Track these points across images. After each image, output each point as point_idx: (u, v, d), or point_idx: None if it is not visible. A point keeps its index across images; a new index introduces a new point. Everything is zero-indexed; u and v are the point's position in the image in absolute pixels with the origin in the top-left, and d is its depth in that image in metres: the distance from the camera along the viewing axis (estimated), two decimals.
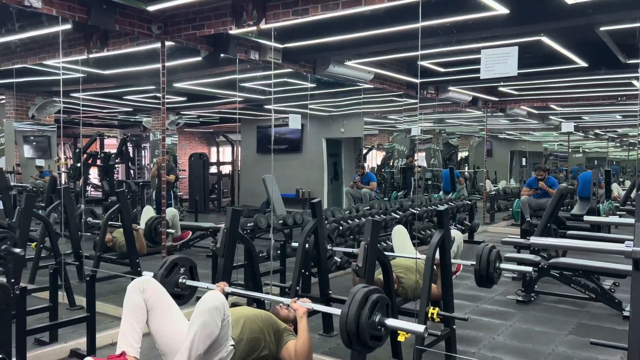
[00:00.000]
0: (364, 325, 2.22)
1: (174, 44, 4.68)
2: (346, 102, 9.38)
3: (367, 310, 2.24)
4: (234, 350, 2.47)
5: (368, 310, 2.24)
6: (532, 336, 4.07)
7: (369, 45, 5.49)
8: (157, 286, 2.57)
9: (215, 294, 2.39)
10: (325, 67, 5.96)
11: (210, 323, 2.28)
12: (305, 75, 6.36)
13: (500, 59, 3.03)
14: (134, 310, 2.45)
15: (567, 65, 6.34)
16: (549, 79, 7.55)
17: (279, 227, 6.20)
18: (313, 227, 3.94)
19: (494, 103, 9.65)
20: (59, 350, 3.65)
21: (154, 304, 2.49)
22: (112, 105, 9.10)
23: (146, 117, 9.96)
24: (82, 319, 3.59)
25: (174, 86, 7.31)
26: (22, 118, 7.12)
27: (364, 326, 2.22)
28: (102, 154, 9.39)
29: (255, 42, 5.12)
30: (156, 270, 3.04)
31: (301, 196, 9.97)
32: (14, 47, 5.35)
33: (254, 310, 2.80)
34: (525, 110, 10.39)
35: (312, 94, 7.70)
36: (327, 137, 10.19)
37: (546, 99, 9.57)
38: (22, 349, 3.18)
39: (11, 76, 6.10)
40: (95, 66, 5.71)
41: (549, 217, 5.74)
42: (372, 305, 2.26)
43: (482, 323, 4.38)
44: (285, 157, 10.09)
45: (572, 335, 4.09)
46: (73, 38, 4.86)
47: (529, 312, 4.70)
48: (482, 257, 3.47)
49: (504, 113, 10.07)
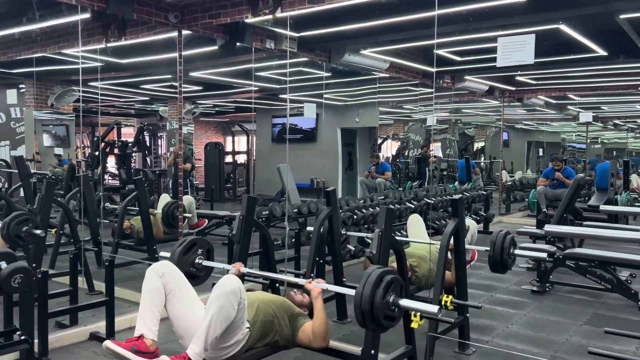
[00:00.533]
0: (378, 305, 2.25)
1: (191, 33, 4.71)
2: (361, 91, 9.35)
3: (382, 290, 2.27)
4: (249, 333, 2.52)
5: (382, 290, 2.27)
6: (546, 326, 4.06)
7: (385, 34, 5.47)
8: (176, 271, 2.62)
9: (232, 278, 2.43)
10: (340, 56, 5.95)
11: (227, 306, 2.32)
12: (320, 64, 6.36)
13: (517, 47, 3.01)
14: (152, 294, 2.51)
15: (586, 54, 6.25)
16: (567, 68, 7.45)
17: (294, 215, 6.23)
18: (327, 214, 3.96)
19: (511, 93, 9.56)
20: (79, 333, 3.73)
21: (172, 288, 2.54)
22: (129, 94, 9.19)
23: (163, 106, 10.05)
24: (101, 302, 3.68)
25: (190, 75, 7.35)
26: (41, 107, 7.23)
27: (378, 305, 2.25)
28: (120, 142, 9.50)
29: (271, 31, 5.13)
30: (174, 248, 3.09)
31: (316, 186, 9.99)
32: (34, 36, 5.42)
33: (268, 295, 2.84)
34: (542, 100, 10.27)
35: (327, 83, 7.69)
36: (342, 127, 10.18)
37: (564, 89, 9.44)
38: (44, 331, 3.27)
39: (31, 65, 6.19)
40: (113, 55, 5.77)
41: (565, 208, 5.70)
42: (386, 285, 2.28)
43: (496, 312, 4.38)
44: (300, 146, 10.11)
45: (586, 325, 4.08)
46: (92, 27, 4.91)
47: (544, 302, 4.69)
48: (497, 243, 3.47)
49: (521, 103, 9.96)
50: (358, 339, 3.58)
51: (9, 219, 3.87)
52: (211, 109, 12.12)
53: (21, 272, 2.86)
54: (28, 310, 3.03)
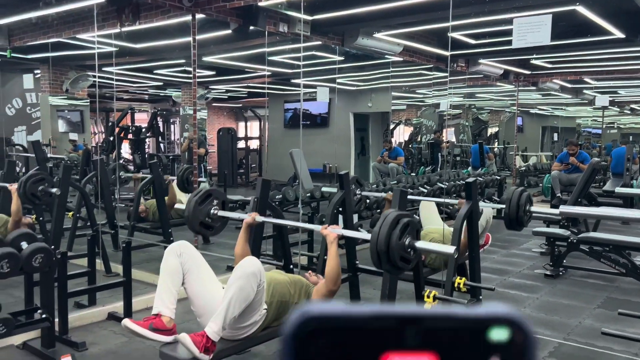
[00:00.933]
0: (394, 246, 2.28)
1: (204, 17, 4.72)
2: (374, 75, 9.30)
3: (398, 231, 2.29)
4: (266, 314, 2.56)
5: (399, 232, 2.29)
6: (559, 309, 4.07)
7: (399, 17, 5.44)
8: (194, 251, 2.66)
9: (253, 259, 2.47)
10: (353, 39, 5.92)
11: (247, 288, 2.36)
12: (333, 48, 6.34)
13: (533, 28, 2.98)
14: (170, 273, 2.55)
15: (603, 36, 6.16)
16: (584, 51, 7.34)
17: (307, 199, 6.27)
18: (341, 198, 3.98)
19: (526, 76, 9.45)
20: (97, 313, 3.82)
21: (190, 267, 2.58)
22: (142, 79, 9.24)
23: (176, 91, 10.09)
24: (119, 283, 3.75)
25: (203, 60, 7.37)
26: (56, 92, 7.30)
27: (394, 246, 2.28)
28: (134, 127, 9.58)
29: (284, 14, 5.12)
30: (190, 198, 3.13)
31: (328, 171, 10.00)
32: (50, 20, 5.46)
33: (284, 275, 2.88)
34: (558, 84, 10.13)
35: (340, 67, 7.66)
36: (354, 112, 10.15)
37: (580, 72, 9.31)
38: (64, 310, 3.34)
39: (47, 50, 6.24)
40: (127, 40, 5.80)
41: (580, 192, 5.66)
42: (402, 227, 2.31)
43: (508, 295, 4.39)
44: (312, 131, 10.11)
45: (600, 308, 4.08)
46: (106, 11, 4.94)
47: (557, 286, 4.68)
48: (512, 199, 3.46)
49: (536, 87, 9.85)
50: None
51: (25, 178, 3.94)
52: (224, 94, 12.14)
53: (42, 252, 2.93)
54: (48, 289, 3.10)
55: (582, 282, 4.84)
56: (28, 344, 3.25)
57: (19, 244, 2.97)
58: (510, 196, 3.47)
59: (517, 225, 3.49)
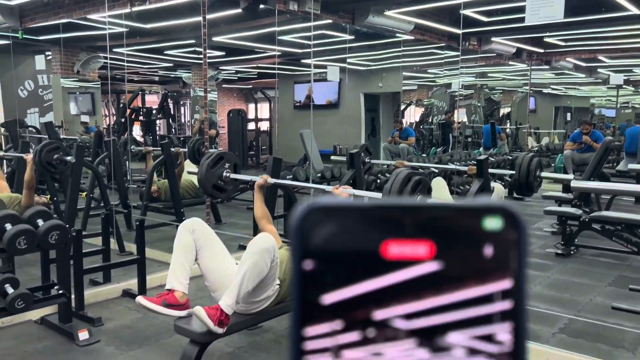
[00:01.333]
0: None
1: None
2: (385, 55, 9.22)
3: (410, 188, 2.30)
4: (279, 290, 2.59)
5: (410, 189, 2.30)
6: (570, 287, 4.07)
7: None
8: (206, 227, 2.69)
9: (266, 236, 2.50)
10: (364, 18, 5.87)
11: (261, 263, 2.39)
12: (344, 27, 6.29)
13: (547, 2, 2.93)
14: (184, 249, 2.59)
15: (618, 13, 6.04)
16: (598, 28, 7.20)
17: (317, 180, 6.29)
18: (351, 177, 3.99)
19: (539, 55, 9.31)
20: (112, 290, 3.89)
21: (203, 244, 2.62)
22: (153, 60, 9.24)
23: (186, 72, 10.08)
24: (132, 261, 3.81)
25: (213, 40, 7.34)
26: (67, 74, 7.33)
27: None
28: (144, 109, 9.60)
29: None
30: (202, 161, 3.16)
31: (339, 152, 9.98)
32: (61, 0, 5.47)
33: None
34: (571, 62, 9.98)
35: (351, 46, 7.60)
36: (365, 92, 10.09)
37: (594, 50, 9.15)
38: (80, 286, 3.41)
39: (58, 31, 6.26)
40: (137, 20, 5.80)
41: (592, 171, 5.61)
42: (414, 184, 2.31)
43: None
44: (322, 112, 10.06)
45: (611, 286, 4.07)
46: None
47: (568, 265, 4.68)
48: (522, 165, 3.45)
49: (550, 66, 9.72)
50: None
51: (40, 147, 4.00)
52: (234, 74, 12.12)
53: (57, 229, 2.99)
54: (65, 265, 3.16)
55: (594, 260, 4.83)
56: (46, 318, 3.32)
57: (35, 221, 3.03)
58: (521, 162, 3.46)
59: (527, 190, 3.48)
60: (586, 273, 4.43)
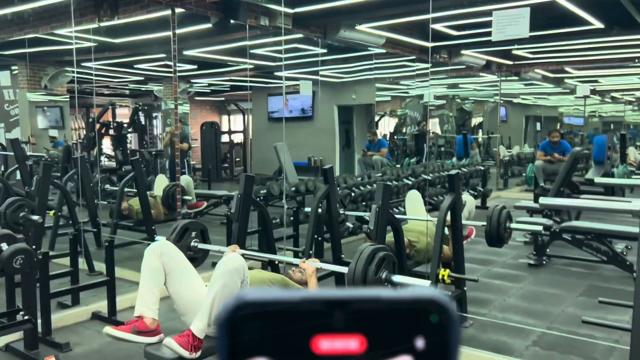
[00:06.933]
0: (370, 281, 2.29)
1: (184, 11, 4.66)
2: (358, 67, 9.28)
3: (374, 266, 2.30)
4: None
5: (375, 267, 2.30)
6: (543, 298, 4.12)
7: (380, 9, 5.42)
8: (175, 250, 2.64)
9: (235, 256, 2.46)
10: (336, 32, 5.90)
11: (231, 284, 2.35)
12: (315, 41, 6.31)
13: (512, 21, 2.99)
14: (152, 274, 2.53)
15: (583, 27, 6.20)
16: (564, 41, 7.40)
17: (292, 194, 6.25)
18: (325, 192, 3.98)
19: (508, 67, 9.50)
20: (81, 313, 3.78)
21: (172, 267, 2.56)
22: (123, 74, 9.11)
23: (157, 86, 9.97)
24: (102, 282, 3.72)
25: (185, 54, 7.28)
26: (35, 89, 7.16)
27: (370, 282, 2.29)
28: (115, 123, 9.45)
29: (265, 8, 5.07)
30: (168, 237, 3.11)
31: (313, 164, 9.98)
32: (26, 16, 5.35)
33: (266, 274, 2.87)
34: (540, 73, 10.21)
35: (323, 60, 7.62)
36: (338, 104, 10.13)
37: (561, 62, 9.38)
38: (47, 311, 3.30)
39: (24, 46, 6.12)
40: (106, 35, 5.71)
41: (562, 182, 5.72)
42: (379, 261, 2.32)
43: (493, 285, 4.44)
44: (296, 124, 10.07)
45: (582, 296, 4.14)
46: (84, 7, 4.85)
47: (540, 275, 4.74)
48: (493, 217, 3.51)
49: (519, 77, 9.92)
50: None
51: (4, 207, 3.88)
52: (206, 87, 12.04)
53: (22, 253, 2.89)
54: (30, 290, 3.06)
55: (565, 270, 4.90)
56: (11, 346, 3.21)
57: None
58: (491, 214, 3.53)
59: (498, 242, 3.57)
60: (558, 283, 4.49)
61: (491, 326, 3.54)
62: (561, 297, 4.12)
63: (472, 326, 3.53)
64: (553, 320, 3.65)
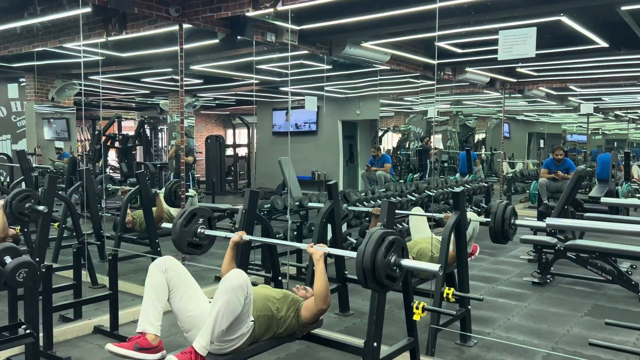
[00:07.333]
0: (379, 264, 2.27)
1: (192, 27, 4.70)
2: (362, 83, 9.33)
3: (384, 249, 2.29)
4: (253, 326, 2.54)
5: (384, 249, 2.29)
6: (548, 317, 4.09)
7: (386, 27, 5.45)
8: (179, 266, 2.63)
9: (239, 272, 2.45)
10: (341, 49, 5.94)
11: (234, 301, 2.34)
12: (321, 57, 6.35)
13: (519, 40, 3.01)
14: (156, 289, 2.52)
15: (588, 46, 6.24)
16: (569, 60, 7.43)
17: (295, 208, 6.25)
18: (329, 208, 3.98)
19: (512, 84, 9.54)
20: (83, 327, 3.76)
21: (176, 283, 2.56)
22: (129, 87, 9.18)
23: (163, 99, 10.03)
24: (105, 296, 3.70)
25: (191, 68, 7.34)
26: (42, 100, 7.22)
27: (379, 264, 2.27)
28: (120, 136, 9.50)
29: (272, 24, 5.12)
30: (175, 221, 3.10)
31: (317, 178, 10.00)
32: (35, 30, 5.42)
33: (269, 290, 2.86)
34: (543, 91, 10.24)
35: (328, 75, 7.67)
36: (342, 119, 10.17)
37: (565, 80, 9.42)
38: (49, 324, 3.29)
39: (32, 59, 6.18)
40: (114, 49, 5.76)
41: (566, 200, 5.71)
42: (388, 245, 2.31)
43: (497, 304, 4.41)
44: (300, 139, 10.11)
45: (587, 316, 4.10)
46: (93, 21, 4.90)
47: (545, 294, 4.71)
48: (497, 213, 3.48)
49: (522, 94, 9.95)
50: (360, 331, 3.61)
51: (10, 197, 3.88)
52: (212, 101, 12.11)
53: (26, 267, 2.88)
54: (33, 304, 3.05)
55: (570, 289, 4.87)
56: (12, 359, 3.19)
57: (2, 258, 2.92)
58: (495, 210, 3.50)
59: (503, 238, 3.52)
60: (563, 302, 4.46)
61: (495, 346, 3.51)
62: (566, 317, 4.09)
63: (476, 345, 3.50)
64: (558, 340, 3.62)
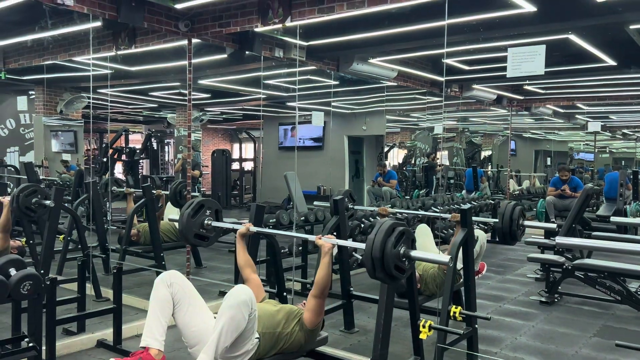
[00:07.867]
0: (389, 254, 2.25)
1: (201, 42, 4.74)
2: (369, 99, 9.36)
3: (394, 239, 2.27)
4: (258, 343, 2.51)
5: (394, 239, 2.27)
6: (556, 337, 4.03)
7: (394, 43, 5.47)
8: (184, 280, 2.62)
9: (244, 288, 2.43)
10: (348, 65, 5.96)
11: (238, 317, 2.32)
12: (328, 73, 6.37)
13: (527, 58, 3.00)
14: (160, 304, 2.51)
15: (595, 64, 6.23)
16: (576, 78, 7.42)
17: (301, 223, 6.22)
18: (335, 223, 3.96)
19: (519, 102, 9.53)
20: (86, 340, 3.74)
21: (181, 297, 2.54)
22: (137, 101, 9.25)
23: (171, 113, 10.10)
24: (108, 310, 3.68)
25: (199, 83, 7.39)
26: (50, 113, 7.28)
27: (388, 254, 2.25)
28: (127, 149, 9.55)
29: (280, 40, 5.15)
30: (183, 211, 3.09)
31: (322, 193, 9.99)
32: (45, 43, 5.48)
33: (274, 305, 2.83)
34: (551, 109, 10.23)
35: (335, 91, 7.69)
36: (349, 135, 10.18)
37: (573, 98, 9.40)
38: (52, 338, 3.27)
39: (42, 72, 6.25)
40: (123, 63, 5.81)
41: (574, 218, 5.66)
42: (398, 235, 2.29)
43: (504, 323, 4.35)
44: (307, 154, 10.11)
45: (596, 337, 4.04)
46: (102, 35, 4.96)
47: (553, 313, 4.65)
48: (505, 214, 3.45)
49: (529, 112, 9.93)
50: (365, 349, 3.57)
51: (17, 191, 3.89)
52: (219, 116, 12.17)
53: (30, 279, 2.87)
54: (36, 317, 3.03)
55: (578, 309, 4.81)
56: None
57: (7, 270, 2.91)
58: (504, 210, 3.47)
59: (511, 239, 3.49)
60: (571, 322, 4.40)
61: None
62: (574, 338, 4.03)
63: None
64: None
